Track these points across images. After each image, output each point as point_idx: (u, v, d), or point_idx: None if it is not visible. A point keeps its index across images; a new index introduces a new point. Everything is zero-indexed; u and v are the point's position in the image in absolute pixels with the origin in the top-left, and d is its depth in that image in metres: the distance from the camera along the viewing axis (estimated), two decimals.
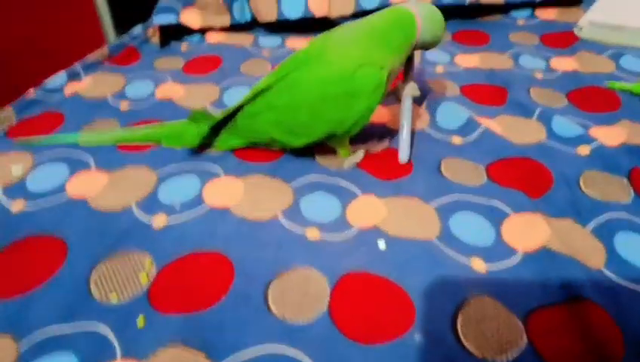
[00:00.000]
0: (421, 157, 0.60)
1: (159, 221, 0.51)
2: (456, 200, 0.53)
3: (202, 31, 0.97)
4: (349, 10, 0.94)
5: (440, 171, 0.57)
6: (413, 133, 0.61)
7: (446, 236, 0.48)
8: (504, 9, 1.02)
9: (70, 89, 0.78)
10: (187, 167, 0.59)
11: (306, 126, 0.54)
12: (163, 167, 0.59)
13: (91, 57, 0.86)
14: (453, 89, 0.75)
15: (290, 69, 0.54)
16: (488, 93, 0.74)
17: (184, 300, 0.43)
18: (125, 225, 0.51)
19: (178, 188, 0.55)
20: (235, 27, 0.97)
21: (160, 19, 0.92)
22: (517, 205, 0.52)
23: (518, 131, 0.64)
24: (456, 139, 0.63)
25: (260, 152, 0.61)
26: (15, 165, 0.59)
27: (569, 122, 0.64)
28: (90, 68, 0.84)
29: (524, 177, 0.56)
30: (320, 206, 0.53)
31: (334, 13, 0.94)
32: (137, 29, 0.99)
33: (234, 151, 0.61)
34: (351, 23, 0.55)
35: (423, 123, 0.67)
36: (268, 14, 0.94)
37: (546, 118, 0.66)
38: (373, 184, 0.56)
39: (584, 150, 0.60)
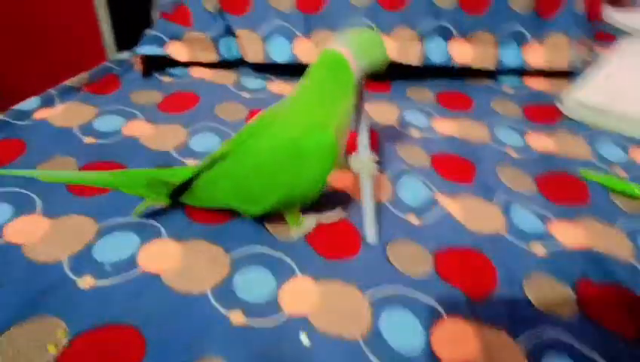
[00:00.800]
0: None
1: (85, 282, 0.50)
2: (394, 293, 0.51)
3: (188, 64, 0.97)
4: None
5: (386, 255, 0.56)
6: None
7: (374, 337, 0.47)
8: (494, 73, 1.01)
9: (40, 115, 0.77)
10: (130, 222, 0.57)
11: (260, 194, 0.53)
12: (107, 218, 0.58)
13: (70, 82, 0.86)
14: (423, 158, 0.74)
15: (245, 138, 0.53)
16: (458, 166, 0.73)
17: None
18: (51, 280, 0.50)
19: (115, 245, 0.54)
20: (222, 63, 0.96)
21: (145, 50, 0.92)
22: (453, 306, 0.50)
23: (477, 217, 0.63)
24: (413, 218, 0.62)
25: (212, 211, 0.59)
26: None
27: (529, 214, 0.63)
28: (65, 94, 0.83)
29: (469, 273, 0.54)
30: (254, 283, 0.51)
31: None
32: (123, 55, 0.99)
33: (185, 206, 0.60)
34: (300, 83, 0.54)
35: (383, 195, 0.66)
36: (255, 55, 0.93)
37: (506, 205, 0.65)
38: (314, 262, 0.54)
39: (538, 249, 0.58)
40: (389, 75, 0.98)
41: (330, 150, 0.50)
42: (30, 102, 0.79)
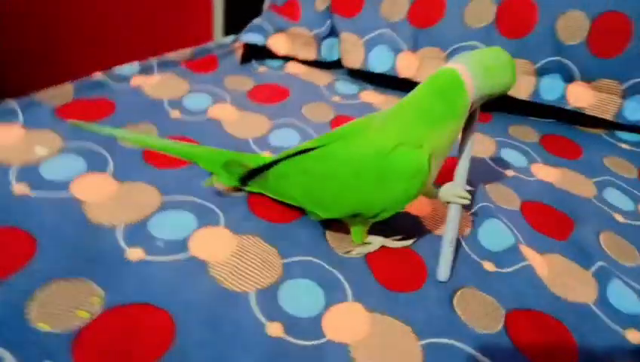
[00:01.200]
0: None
1: (135, 254, 0.48)
2: (450, 343, 0.45)
3: (286, 58, 0.96)
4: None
5: (452, 301, 0.50)
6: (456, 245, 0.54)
7: None
8: (611, 124, 0.90)
9: (136, 81, 0.79)
10: (194, 201, 0.56)
11: (333, 200, 0.49)
12: (172, 193, 0.56)
13: (171, 56, 0.87)
14: (513, 202, 0.66)
15: (331, 140, 0.50)
16: (552, 219, 0.65)
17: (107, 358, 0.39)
18: (102, 245, 0.49)
19: (172, 222, 0.52)
20: (319, 63, 0.94)
21: (248, 37, 0.92)
22: None
23: (565, 282, 0.54)
24: (489, 266, 0.55)
25: (275, 207, 0.57)
26: (40, 146, 0.60)
27: (631, 293, 0.54)
28: (164, 66, 0.85)
29: (544, 342, 0.47)
30: (300, 297, 0.47)
31: (421, 78, 0.88)
32: (228, 39, 0.99)
33: (249, 197, 0.58)
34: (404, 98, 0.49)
35: (461, 233, 0.59)
36: (354, 61, 0.90)
37: (604, 276, 0.56)
38: (370, 288, 0.49)
39: (635, 336, 0.49)
40: (490, 105, 0.91)
41: (419, 173, 0.45)
42: (130, 68, 0.81)
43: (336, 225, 0.55)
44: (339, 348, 0.43)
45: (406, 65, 0.88)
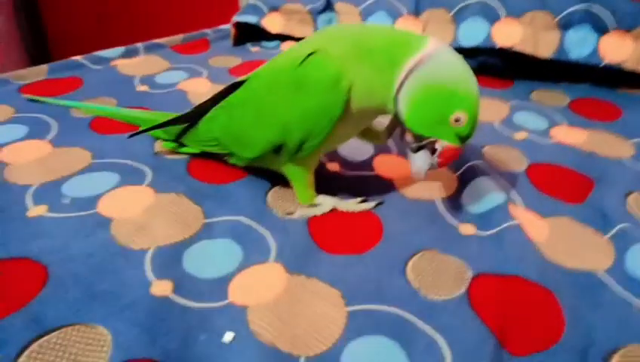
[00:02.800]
0: (398, 239, 0.42)
1: (36, 211, 0.43)
2: (388, 312, 0.35)
3: (283, 38, 0.90)
4: None
5: (405, 265, 0.39)
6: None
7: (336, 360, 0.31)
8: None
9: (116, 62, 0.76)
10: (123, 163, 0.50)
11: (251, 129, 0.43)
12: (107, 157, 0.51)
13: (161, 40, 0.84)
14: (517, 163, 0.54)
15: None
16: (566, 182, 0.52)
17: None
18: (8, 202, 0.44)
19: (90, 182, 0.47)
20: None
21: (240, 17, 0.87)
22: (473, 352, 0.32)
23: (569, 248, 0.42)
24: (467, 228, 0.44)
25: (215, 169, 0.50)
26: None
27: None
28: (151, 49, 0.82)
29: (516, 314, 0.35)
30: (211, 257, 0.39)
31: None
32: (226, 26, 0.95)
33: (191, 160, 0.51)
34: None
35: (440, 192, 0.49)
36: None
37: (623, 242, 0.43)
38: (300, 250, 0.40)
39: None
40: (513, 71, 0.78)
41: (335, 82, 0.38)
42: (114, 51, 0.79)
43: (283, 184, 0.47)
44: (235, 311, 0.34)
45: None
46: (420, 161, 0.39)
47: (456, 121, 0.37)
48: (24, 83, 0.67)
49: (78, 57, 0.75)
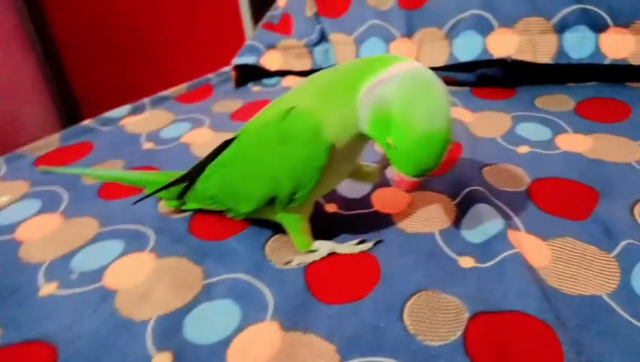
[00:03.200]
0: (395, 280, 0.42)
1: (47, 289, 0.45)
2: None
3: (284, 74, 0.91)
4: (439, 61, 0.77)
5: (402, 309, 0.39)
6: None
7: None
8: None
9: (124, 122, 0.79)
10: (127, 229, 0.52)
11: (244, 184, 0.44)
12: (113, 224, 0.53)
13: (165, 93, 0.87)
14: (518, 181, 0.53)
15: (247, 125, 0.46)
16: (569, 197, 0.51)
17: None
18: (21, 283, 0.46)
19: (97, 253, 0.49)
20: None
21: (239, 60, 0.89)
22: None
23: (573, 273, 0.41)
24: (466, 261, 0.43)
25: (216, 225, 0.51)
26: (5, 195, 0.60)
27: None
28: (156, 103, 0.85)
29: (509, 357, 0.34)
30: (210, 321, 0.40)
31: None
32: (227, 68, 0.98)
33: (193, 217, 0.53)
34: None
35: (439, 223, 0.48)
36: (347, 60, 0.83)
37: (629, 260, 0.41)
38: (296, 303, 0.41)
39: None
40: (515, 79, 0.77)
41: (317, 133, 0.39)
42: (120, 110, 0.82)
43: (281, 233, 0.48)
44: None
45: (402, 53, 0.79)
46: (389, 174, 0.40)
47: (389, 146, 0.36)
48: (38, 155, 0.71)
49: (87, 122, 0.78)
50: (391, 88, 0.35)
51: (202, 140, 0.70)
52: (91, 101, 1.99)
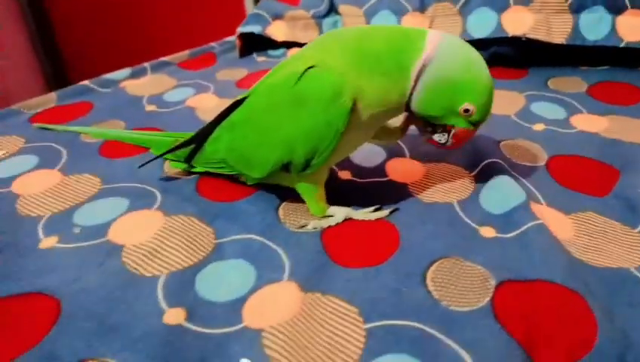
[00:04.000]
0: (416, 247, 0.40)
1: (47, 243, 0.43)
2: (409, 327, 0.33)
3: (289, 45, 0.89)
4: None
5: (424, 275, 0.38)
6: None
7: None
8: None
9: (124, 84, 0.76)
10: (132, 187, 0.50)
11: (255, 148, 0.42)
12: (116, 182, 0.51)
13: (167, 58, 0.84)
14: (537, 157, 0.52)
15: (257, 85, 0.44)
16: (589, 173, 0.50)
17: None
18: (19, 235, 0.44)
19: (100, 209, 0.47)
20: None
21: (244, 28, 0.87)
22: None
23: (597, 244, 0.40)
24: (487, 231, 0.42)
25: (225, 187, 0.49)
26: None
27: None
28: (157, 68, 0.82)
29: (542, 323, 0.33)
30: (224, 280, 0.38)
31: None
32: (232, 38, 0.95)
33: (200, 179, 0.51)
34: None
35: (458, 194, 0.47)
36: None
37: None
38: (313, 265, 0.39)
39: None
40: (527, 59, 0.76)
41: (337, 96, 0.37)
42: (121, 73, 0.79)
43: (294, 197, 0.46)
44: (249, 335, 0.33)
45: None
46: (436, 139, 0.42)
47: (466, 111, 0.38)
48: (34, 112, 0.68)
49: (86, 82, 0.75)
50: (447, 62, 0.38)
51: (208, 105, 0.68)
52: (81, 73, 1.95)
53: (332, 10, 0.84)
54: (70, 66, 2.01)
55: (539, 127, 0.59)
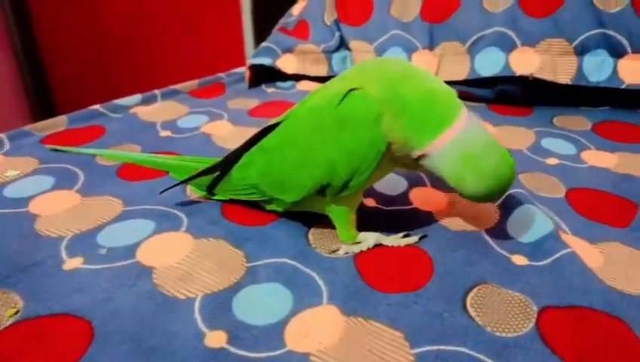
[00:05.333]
0: (451, 273, 0.40)
1: (72, 263, 0.41)
2: (457, 352, 0.33)
3: (298, 78, 0.90)
4: (461, 74, 0.77)
5: (464, 301, 0.37)
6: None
7: None
8: None
9: (135, 110, 0.76)
10: (156, 210, 0.49)
11: (294, 171, 0.42)
12: (138, 204, 0.50)
13: (177, 86, 0.85)
14: (555, 189, 0.53)
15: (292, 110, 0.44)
16: (608, 206, 0.51)
17: None
18: (42, 255, 0.42)
19: (125, 230, 0.46)
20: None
21: (256, 60, 0.88)
22: None
23: (626, 271, 0.40)
24: (519, 259, 0.42)
25: (249, 211, 0.48)
26: (13, 169, 0.56)
27: None
28: (168, 95, 0.82)
29: (591, 346, 0.33)
30: (261, 303, 0.37)
31: (442, 77, 0.78)
32: (240, 69, 0.96)
33: (224, 203, 0.50)
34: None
35: (484, 223, 0.47)
36: None
37: None
38: (351, 289, 0.39)
39: None
40: (532, 99, 0.78)
41: (376, 116, 0.37)
42: (131, 99, 0.79)
43: (322, 222, 0.46)
44: (297, 358, 0.32)
45: (424, 65, 0.79)
46: None
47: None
48: (45, 134, 0.67)
49: (96, 106, 0.75)
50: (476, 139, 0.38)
51: (223, 132, 0.68)
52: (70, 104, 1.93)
53: (342, 45, 0.86)
54: (58, 98, 1.99)
55: (552, 161, 0.60)
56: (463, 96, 0.81)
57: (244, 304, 0.37)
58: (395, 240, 0.44)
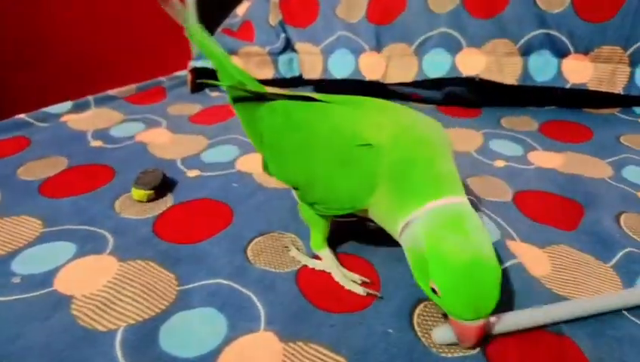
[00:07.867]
0: (399, 289, 0.38)
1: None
2: None
3: None
4: (408, 76, 0.76)
5: (411, 320, 0.35)
6: None
7: None
8: (623, 101, 0.75)
9: (66, 118, 0.71)
10: (79, 230, 0.45)
11: (294, 158, 0.39)
12: (59, 224, 0.46)
13: (113, 91, 0.80)
14: (502, 192, 0.52)
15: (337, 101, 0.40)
16: (556, 208, 0.50)
17: None
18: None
19: (43, 255, 0.41)
20: (281, 82, 0.84)
21: (197, 63, 0.84)
22: None
23: (575, 279, 0.40)
24: None
25: (187, 227, 0.45)
26: None
27: None
28: (101, 101, 0.77)
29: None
30: (192, 331, 0.34)
31: (391, 79, 0.77)
32: (182, 73, 0.92)
33: (157, 218, 0.46)
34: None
35: None
36: (312, 70, 0.81)
37: (629, 269, 0.40)
38: (292, 311, 0.36)
39: None
40: (480, 100, 0.78)
41: (372, 180, 0.35)
42: (61, 106, 0.73)
43: (265, 235, 0.43)
44: None
45: (371, 66, 0.77)
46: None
47: (433, 291, 0.30)
48: None
49: (22, 115, 0.69)
50: (421, 226, 0.31)
51: (160, 140, 0.64)
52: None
53: (288, 47, 0.83)
54: None
55: (500, 163, 0.60)
56: (412, 98, 0.81)
57: (173, 334, 0.34)
58: (345, 281, 0.40)
